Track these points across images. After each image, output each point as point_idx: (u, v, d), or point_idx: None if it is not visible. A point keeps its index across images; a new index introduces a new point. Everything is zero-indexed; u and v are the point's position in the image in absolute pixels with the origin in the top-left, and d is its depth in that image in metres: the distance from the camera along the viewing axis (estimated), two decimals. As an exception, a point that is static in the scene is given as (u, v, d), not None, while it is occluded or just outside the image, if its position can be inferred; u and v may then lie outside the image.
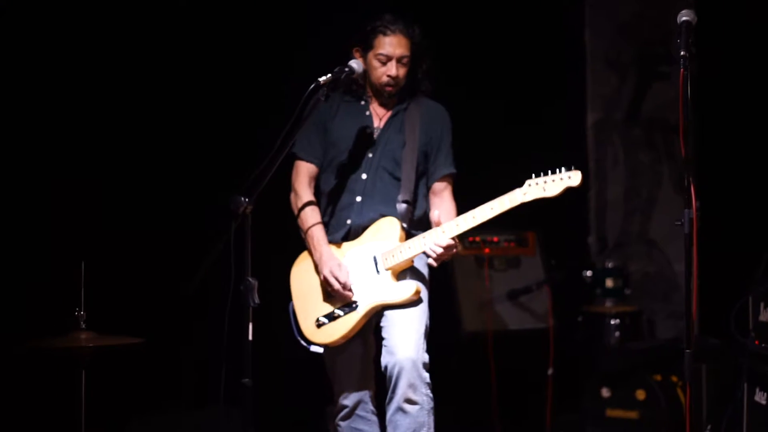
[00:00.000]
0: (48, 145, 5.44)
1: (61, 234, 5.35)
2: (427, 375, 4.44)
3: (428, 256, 4.41)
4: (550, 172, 4.19)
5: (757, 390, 4.81)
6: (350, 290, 4.48)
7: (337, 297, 4.51)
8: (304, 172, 4.71)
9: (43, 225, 5.37)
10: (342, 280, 4.47)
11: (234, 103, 5.98)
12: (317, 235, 4.59)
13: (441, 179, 4.71)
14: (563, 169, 4.17)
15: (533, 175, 4.22)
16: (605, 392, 6.44)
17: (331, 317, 4.51)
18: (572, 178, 4.16)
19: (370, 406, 4.66)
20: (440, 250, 4.35)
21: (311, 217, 4.63)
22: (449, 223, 4.37)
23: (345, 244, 4.60)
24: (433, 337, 4.56)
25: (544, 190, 4.20)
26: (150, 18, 5.74)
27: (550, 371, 6.81)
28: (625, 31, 7.96)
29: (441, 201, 4.63)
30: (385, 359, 4.45)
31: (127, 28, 5.70)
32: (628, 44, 7.96)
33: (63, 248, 5.17)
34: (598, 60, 8.02)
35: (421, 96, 4.73)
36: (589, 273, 7.10)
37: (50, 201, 5.40)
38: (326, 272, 4.49)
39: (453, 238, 4.36)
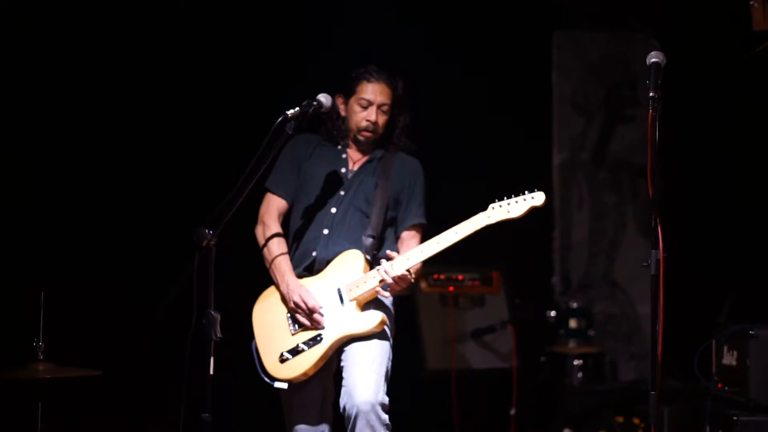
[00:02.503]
0: (6, 169, 5.38)
1: (19, 262, 5.29)
2: (386, 417, 4.38)
3: (382, 287, 4.39)
4: (513, 195, 4.20)
5: (720, 433, 4.81)
6: (320, 314, 4.45)
7: (306, 324, 4.47)
8: (274, 207, 4.72)
9: (1, 252, 5.30)
10: (310, 304, 4.45)
11: (204, 134, 5.96)
12: (283, 265, 4.57)
13: (410, 228, 4.72)
14: (526, 191, 4.18)
15: (496, 199, 4.23)
16: (568, 433, 6.43)
17: (294, 352, 4.47)
18: (535, 198, 4.18)
19: (325, 451, 4.62)
20: (394, 274, 4.33)
21: (277, 248, 4.61)
22: (414, 250, 4.37)
23: (309, 279, 4.58)
24: (395, 374, 4.53)
25: (509, 212, 4.20)
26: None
27: (512, 411, 6.78)
28: (592, 73, 8.02)
29: (407, 250, 4.60)
30: (343, 400, 4.41)
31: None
32: (595, 86, 8.02)
33: (22, 277, 5.10)
34: (565, 101, 8.07)
35: (396, 149, 4.75)
36: (553, 313, 7.11)
37: (8, 226, 5.33)
38: (295, 298, 4.46)
39: (408, 271, 4.34)
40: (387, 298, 4.60)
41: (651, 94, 3.65)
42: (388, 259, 4.40)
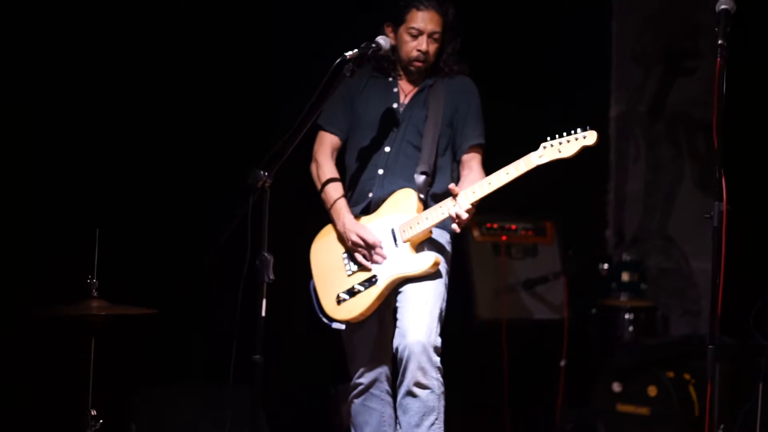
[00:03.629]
0: (68, 112, 5.40)
1: (76, 201, 5.32)
2: (438, 359, 4.38)
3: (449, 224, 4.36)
4: (564, 133, 4.12)
5: (774, 391, 4.76)
6: (381, 250, 4.44)
7: (365, 264, 4.47)
8: (327, 144, 4.68)
9: (59, 191, 5.33)
10: (371, 240, 4.43)
11: (258, 76, 5.93)
12: (340, 204, 4.56)
13: (469, 150, 4.65)
14: (578, 129, 4.10)
15: (548, 138, 4.16)
16: (617, 387, 6.39)
17: (351, 293, 4.47)
18: (587, 137, 4.11)
19: (386, 386, 4.62)
20: (464, 215, 4.29)
21: (333, 187, 4.60)
22: (465, 191, 4.31)
23: (363, 218, 4.56)
24: (446, 322, 4.52)
25: (560, 151, 4.13)
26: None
27: (562, 363, 6.77)
28: (651, 24, 7.90)
29: (470, 172, 4.57)
30: (396, 341, 4.41)
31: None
32: (654, 37, 7.90)
33: (78, 215, 5.13)
34: (624, 52, 7.97)
35: (446, 75, 4.67)
36: (605, 266, 7.05)
37: (67, 167, 5.36)
38: (353, 237, 4.46)
39: (471, 204, 4.29)
40: (443, 235, 4.57)
41: (720, 42, 3.56)
42: (452, 194, 4.34)
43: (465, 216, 4.30)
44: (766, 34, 6.37)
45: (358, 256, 4.48)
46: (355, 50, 4.22)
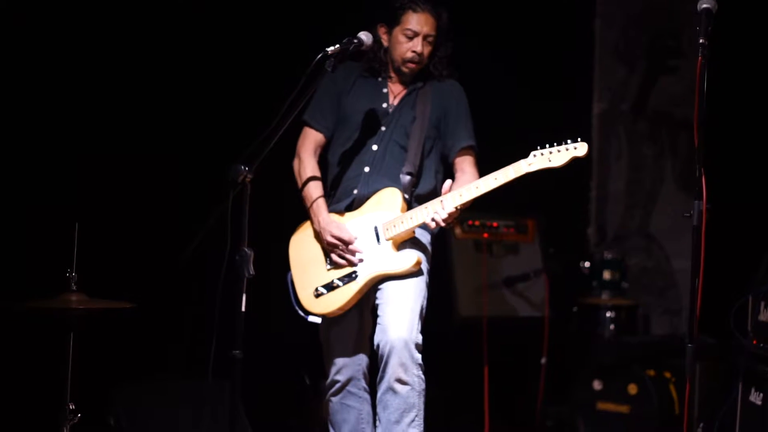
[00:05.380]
0: (43, 104, 5.37)
1: (55, 193, 5.29)
2: (419, 356, 4.39)
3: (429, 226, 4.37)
4: (555, 143, 4.13)
5: (753, 390, 4.76)
6: (356, 247, 4.44)
7: (343, 258, 4.46)
8: (311, 140, 4.68)
9: (38, 184, 5.30)
10: (346, 238, 4.44)
11: (240, 71, 5.91)
12: (317, 202, 4.56)
13: (460, 152, 4.67)
14: (569, 140, 4.11)
15: (538, 147, 4.16)
16: (597, 384, 6.41)
17: (329, 287, 4.47)
18: (578, 148, 4.12)
19: (363, 383, 4.62)
20: (445, 216, 4.31)
21: (312, 184, 4.60)
22: (452, 194, 4.32)
23: (347, 214, 4.57)
24: (427, 319, 4.52)
25: (550, 160, 4.14)
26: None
27: (543, 360, 6.78)
28: (635, 22, 7.91)
29: (462, 174, 4.59)
30: (377, 337, 4.41)
31: None
32: (638, 35, 7.90)
33: (57, 209, 5.11)
34: (607, 50, 7.97)
35: (435, 78, 4.69)
36: (587, 264, 7.05)
37: (46, 160, 5.33)
38: (328, 237, 4.46)
39: (456, 207, 4.30)
40: (425, 235, 4.57)
41: (701, 41, 3.58)
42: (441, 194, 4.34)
43: (448, 219, 4.31)
44: (749, 33, 6.38)
45: (334, 256, 4.48)
46: (337, 45, 4.23)
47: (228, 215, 3.91)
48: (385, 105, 4.65)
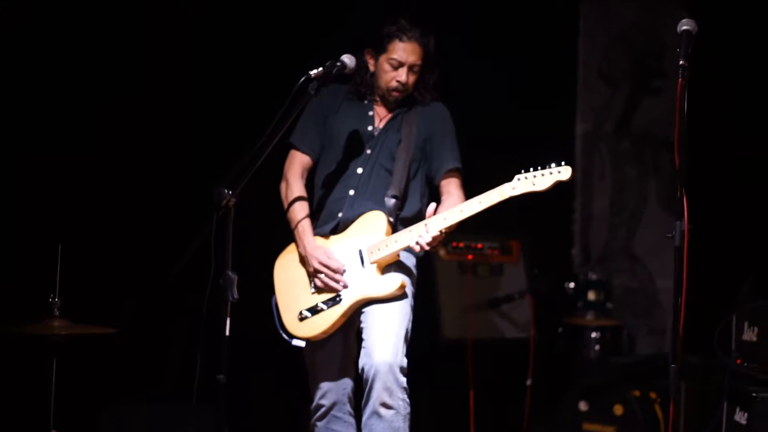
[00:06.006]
0: (26, 126, 5.36)
1: (38, 218, 5.28)
2: (404, 379, 4.37)
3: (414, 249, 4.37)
4: (539, 167, 4.14)
5: (738, 410, 4.76)
6: (342, 277, 4.43)
7: (326, 286, 4.46)
8: (298, 163, 4.68)
9: (20, 208, 5.29)
10: (334, 266, 4.43)
11: (225, 93, 5.92)
12: (303, 226, 4.55)
13: (446, 175, 4.67)
14: (553, 164, 4.12)
15: (522, 170, 4.18)
16: (583, 405, 6.41)
17: (314, 311, 4.46)
18: (562, 172, 4.12)
19: (348, 408, 4.60)
20: (429, 240, 4.30)
21: (298, 208, 4.59)
22: (436, 217, 4.32)
23: (332, 238, 4.56)
24: (412, 342, 4.50)
25: (534, 184, 4.15)
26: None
27: (528, 382, 6.76)
28: (618, 43, 7.94)
29: (449, 197, 4.59)
30: (362, 361, 4.40)
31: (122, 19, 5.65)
32: (621, 56, 7.94)
33: (40, 232, 5.09)
34: (591, 70, 8.00)
35: (421, 103, 4.71)
36: (571, 285, 7.06)
37: (27, 182, 5.32)
38: (315, 264, 4.45)
39: (440, 231, 4.31)
40: (409, 259, 4.57)
41: (681, 63, 3.59)
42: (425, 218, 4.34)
43: (432, 243, 4.32)
44: (729, 54, 6.42)
45: (318, 282, 4.47)
46: (320, 68, 4.23)
47: (211, 239, 3.91)
48: (370, 128, 4.65)
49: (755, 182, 6.28)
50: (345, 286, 4.45)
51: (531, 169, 4.18)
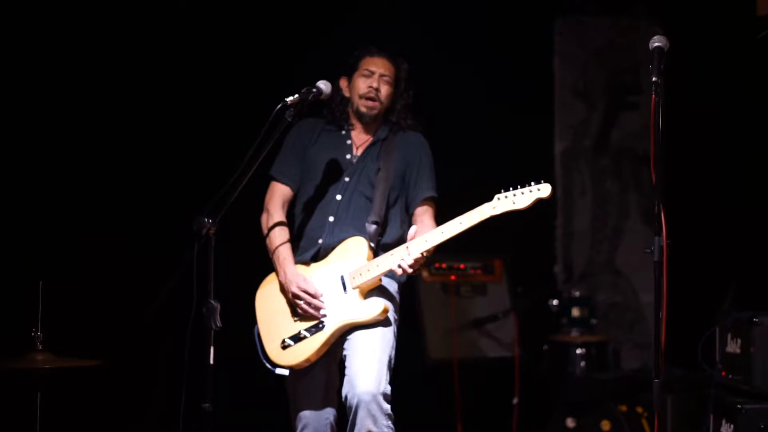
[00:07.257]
0: (5, 161, 5.36)
1: (18, 252, 5.26)
2: (388, 406, 4.35)
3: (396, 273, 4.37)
4: (519, 186, 4.16)
5: (724, 422, 4.78)
6: (321, 302, 4.43)
7: (307, 313, 4.45)
8: (278, 194, 4.69)
9: (1, 243, 5.28)
10: (311, 291, 4.43)
11: (200, 124, 5.93)
12: (283, 254, 4.55)
13: (421, 203, 4.69)
14: (533, 182, 4.14)
15: (502, 190, 4.19)
16: (570, 422, 6.41)
17: (296, 338, 4.45)
18: (542, 189, 4.13)
19: (329, 437, 4.59)
20: (411, 262, 4.31)
21: (278, 236, 4.59)
22: (417, 239, 4.33)
23: (313, 265, 4.56)
24: (397, 363, 4.50)
25: (514, 203, 4.16)
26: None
27: (515, 400, 6.77)
28: (594, 60, 7.98)
29: (422, 225, 4.57)
30: (345, 389, 4.38)
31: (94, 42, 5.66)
32: (597, 73, 7.98)
33: (20, 266, 5.08)
34: (567, 88, 8.04)
35: (399, 129, 4.74)
36: (555, 302, 7.08)
37: (8, 217, 5.31)
38: (294, 289, 4.44)
39: (422, 253, 4.31)
40: (392, 284, 4.58)
41: (654, 79, 3.63)
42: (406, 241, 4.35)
43: (414, 266, 4.32)
44: (704, 69, 6.46)
45: (298, 308, 4.46)
46: (296, 95, 4.25)
47: (193, 268, 3.91)
48: (348, 156, 4.67)
49: (734, 194, 6.32)
50: (324, 313, 4.44)
51: (511, 188, 4.19)
